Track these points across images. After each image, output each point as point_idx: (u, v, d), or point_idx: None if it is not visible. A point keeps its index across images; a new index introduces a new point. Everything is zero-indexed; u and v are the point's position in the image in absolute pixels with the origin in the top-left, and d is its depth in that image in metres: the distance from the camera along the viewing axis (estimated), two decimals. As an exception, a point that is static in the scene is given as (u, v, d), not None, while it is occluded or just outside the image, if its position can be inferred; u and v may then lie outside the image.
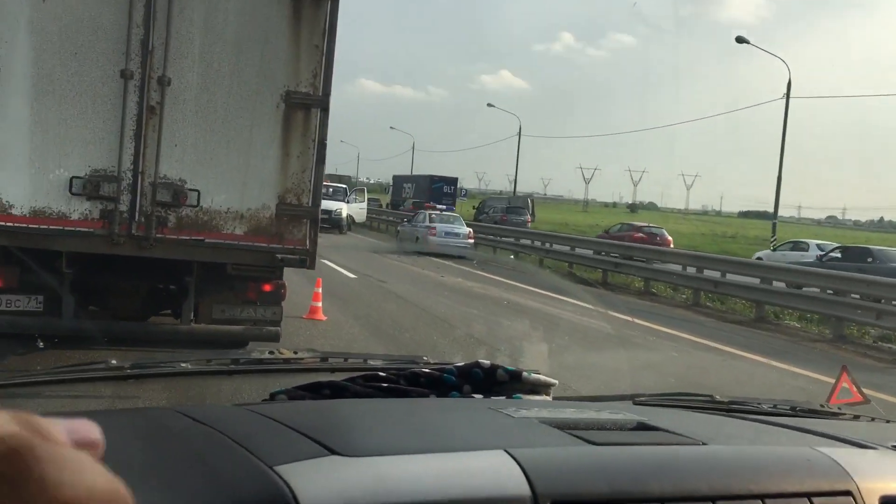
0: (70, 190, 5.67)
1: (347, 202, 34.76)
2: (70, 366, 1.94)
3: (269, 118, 6.02)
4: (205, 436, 1.18)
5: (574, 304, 14.13)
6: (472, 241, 25.55)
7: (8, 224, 5.57)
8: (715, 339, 11.68)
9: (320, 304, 9.86)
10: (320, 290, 9.89)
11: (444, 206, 28.57)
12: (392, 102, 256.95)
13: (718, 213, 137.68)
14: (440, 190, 54.72)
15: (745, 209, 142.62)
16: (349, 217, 34.10)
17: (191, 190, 5.91)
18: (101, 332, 6.50)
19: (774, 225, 30.48)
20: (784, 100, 27.23)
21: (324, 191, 29.43)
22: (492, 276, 18.88)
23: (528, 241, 26.70)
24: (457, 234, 25.09)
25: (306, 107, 6.06)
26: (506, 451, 1.12)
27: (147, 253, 5.92)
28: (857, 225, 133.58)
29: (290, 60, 6.01)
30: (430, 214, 26.88)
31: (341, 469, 1.06)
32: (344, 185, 38.89)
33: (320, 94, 6.08)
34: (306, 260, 6.23)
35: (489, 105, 51.95)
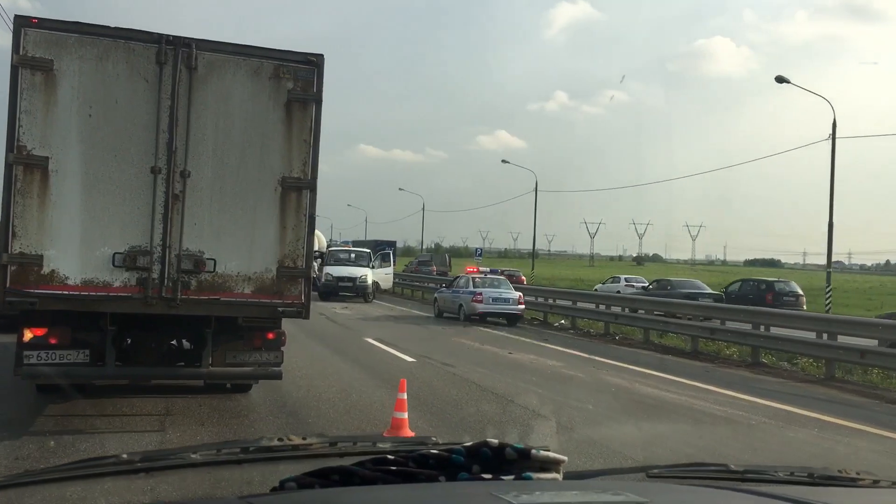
0: (113, 263, 6.96)
1: (372, 268, 31.84)
2: (79, 462, 1.93)
3: (269, 199, 7.36)
4: None
5: (686, 384, 12.05)
6: (522, 305, 22.73)
7: (64, 292, 6.84)
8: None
9: (406, 416, 7.30)
10: (405, 395, 7.44)
11: (489, 269, 25.89)
12: (393, 166, 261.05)
13: (724, 263, 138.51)
14: (382, 251, 61.31)
15: (750, 258, 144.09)
16: (374, 284, 31.46)
17: (208, 259, 7.21)
18: (138, 376, 7.88)
19: (829, 274, 27.45)
20: (830, 141, 25.91)
21: (345, 256, 30.83)
22: (564, 350, 16.48)
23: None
24: (506, 300, 22.46)
25: (298, 189, 7.41)
26: None
27: (174, 311, 7.19)
28: (863, 269, 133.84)
29: (284, 153, 7.36)
30: (473, 279, 23.68)
31: None
32: (367, 250, 35.16)
33: (309, 178, 7.41)
34: (302, 311, 7.51)
35: (504, 161, 52.20)
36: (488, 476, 1.63)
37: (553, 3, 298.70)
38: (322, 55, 7.50)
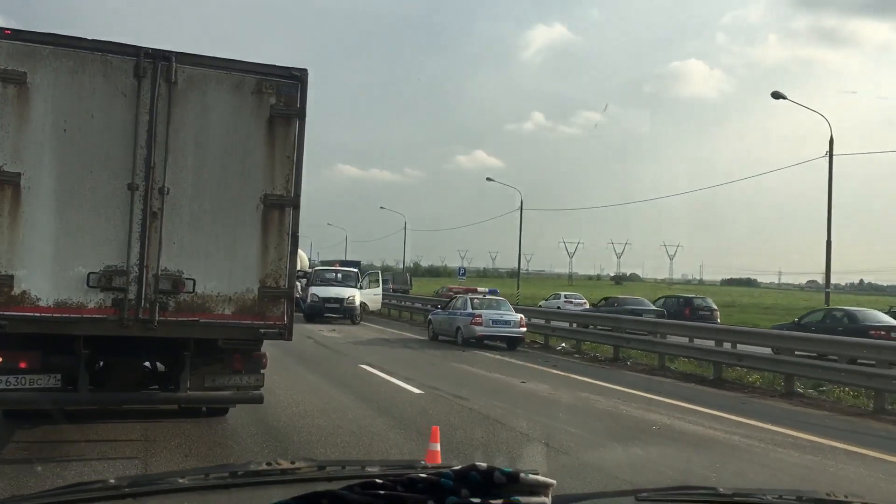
0: (87, 283, 6.65)
1: (360, 288, 30.54)
2: (67, 486, 1.87)
3: (251, 217, 7.08)
4: None
5: (730, 420, 10.61)
6: (524, 328, 21.20)
7: (36, 314, 6.50)
8: None
9: None
10: (438, 446, 6.31)
11: (487, 290, 23.29)
12: (372, 185, 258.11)
13: (701, 282, 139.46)
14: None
15: (726, 277, 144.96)
16: (363, 305, 30.07)
17: (187, 279, 6.91)
18: (113, 402, 7.55)
19: (828, 294, 27.16)
20: (827, 158, 25.63)
21: (332, 276, 29.46)
22: (578, 377, 15.12)
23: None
24: (507, 322, 20.90)
25: (281, 206, 7.14)
26: None
27: (151, 333, 6.87)
28: (837, 288, 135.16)
29: (266, 169, 7.10)
30: (471, 300, 22.11)
31: None
32: (355, 270, 33.78)
33: (292, 195, 7.15)
34: (285, 333, 7.21)
35: (489, 179, 52.52)
36: (477, 500, 1.61)
37: (530, 25, 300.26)
38: (306, 70, 7.28)
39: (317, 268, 33.91)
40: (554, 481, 1.73)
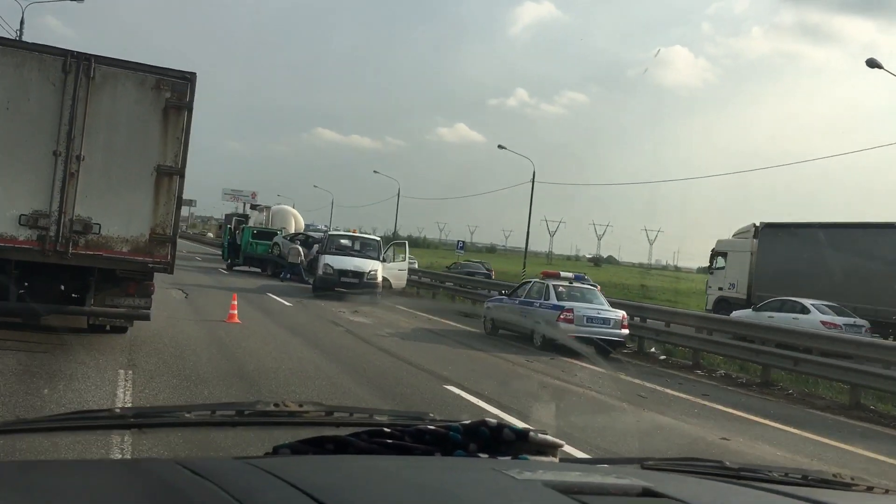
0: (19, 222, 8.83)
1: (383, 261, 25.33)
2: (73, 413, 1.83)
3: (146, 181, 9.23)
4: (203, 490, 1.17)
5: None
6: (626, 330, 15.58)
7: None
8: None
9: None
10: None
11: (573, 275, 17.24)
12: (351, 151, 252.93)
13: (677, 269, 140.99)
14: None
15: (702, 265, 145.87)
16: (385, 281, 25.04)
17: (95, 223, 9.07)
18: (35, 311, 9.83)
19: None
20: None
21: (349, 244, 26.49)
22: (771, 424, 9.65)
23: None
24: (605, 321, 15.37)
25: (170, 174, 9.28)
26: None
27: (66, 262, 9.06)
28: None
29: (160, 146, 9.22)
30: (555, 288, 16.09)
31: None
32: (377, 238, 27.40)
33: (179, 166, 9.30)
34: (167, 268, 9.43)
35: (500, 147, 42.14)
36: (484, 455, 1.59)
37: (518, 1, 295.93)
38: (195, 73, 9.43)
39: (330, 233, 28.84)
40: (563, 442, 1.68)
